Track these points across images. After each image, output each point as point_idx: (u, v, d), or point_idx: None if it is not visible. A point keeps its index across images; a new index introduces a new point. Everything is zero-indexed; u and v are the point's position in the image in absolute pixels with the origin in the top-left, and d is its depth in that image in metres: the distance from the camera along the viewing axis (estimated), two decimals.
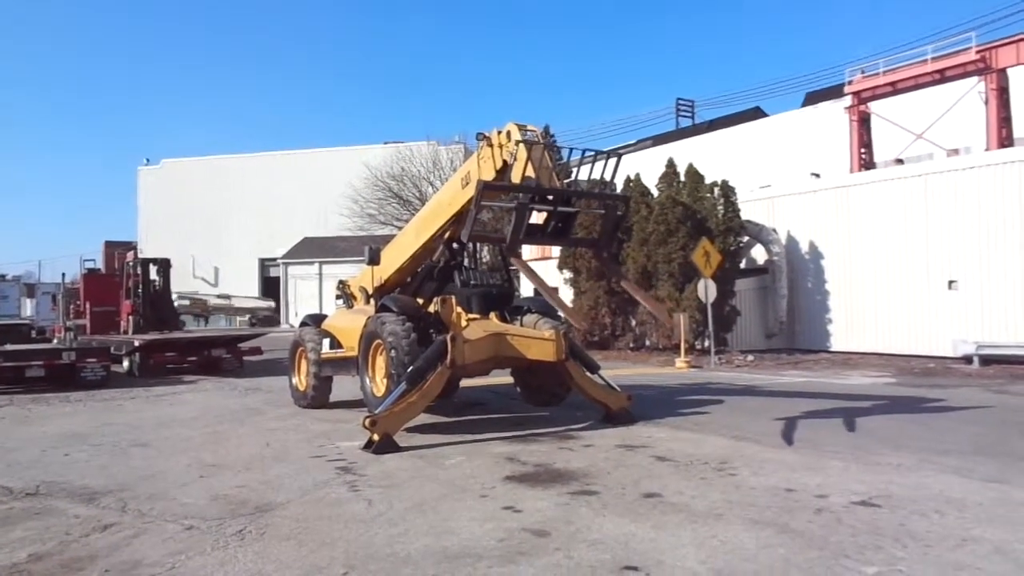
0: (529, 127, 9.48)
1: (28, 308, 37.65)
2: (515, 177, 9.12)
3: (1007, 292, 18.87)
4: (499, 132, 9.62)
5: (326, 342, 12.23)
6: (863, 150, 29.89)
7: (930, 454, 8.00)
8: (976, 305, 19.43)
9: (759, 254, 25.08)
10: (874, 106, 30.08)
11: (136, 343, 19.05)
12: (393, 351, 9.63)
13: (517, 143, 9.11)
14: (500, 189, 9.35)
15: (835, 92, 33.58)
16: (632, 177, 24.25)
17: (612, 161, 9.59)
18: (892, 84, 28.75)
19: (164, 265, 23.30)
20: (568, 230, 9.81)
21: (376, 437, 8.55)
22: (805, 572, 4.57)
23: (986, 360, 18.31)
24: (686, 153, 30.47)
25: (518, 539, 5.32)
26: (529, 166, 9.00)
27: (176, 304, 25.99)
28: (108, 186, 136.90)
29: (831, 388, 14.68)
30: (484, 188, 8.98)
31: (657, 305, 11.32)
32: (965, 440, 8.90)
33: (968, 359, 18.67)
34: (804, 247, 23.94)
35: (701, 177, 23.68)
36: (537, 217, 9.47)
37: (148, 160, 69.49)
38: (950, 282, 20.08)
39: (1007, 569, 4.56)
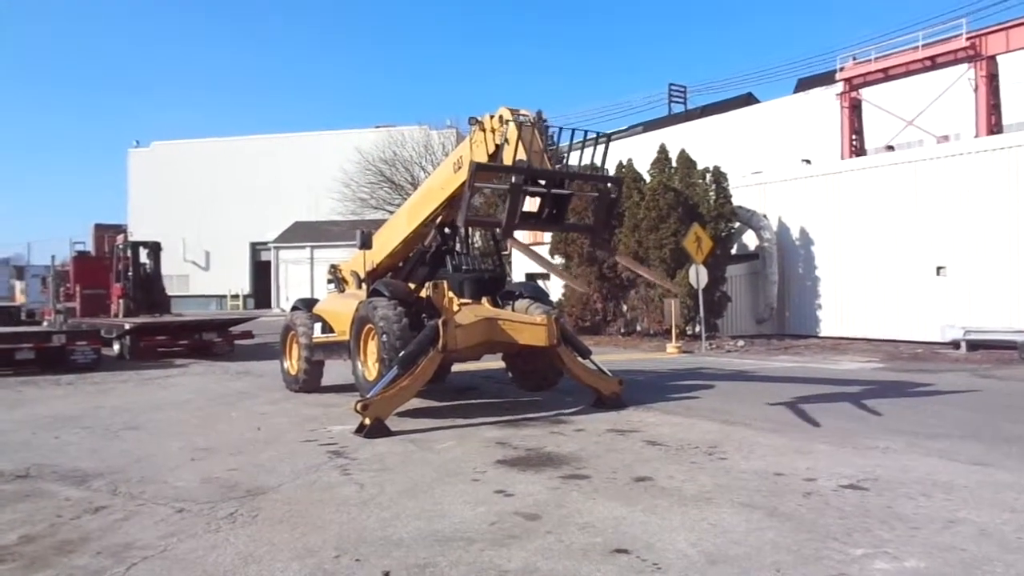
0: (522, 111, 9.48)
1: (18, 290, 37.30)
2: (507, 159, 9.17)
3: (995, 278, 18.99)
4: (491, 116, 9.61)
5: (317, 326, 12.23)
6: (854, 136, 29.92)
7: (917, 438, 8.08)
8: (964, 291, 19.55)
9: (750, 240, 25.13)
10: (865, 93, 30.11)
11: (127, 326, 19.00)
12: (385, 336, 9.63)
13: (506, 122, 9.21)
14: (494, 170, 9.50)
15: (827, 79, 33.55)
16: (624, 163, 24.25)
17: (601, 147, 9.60)
18: (883, 71, 28.76)
19: (154, 248, 23.20)
20: (562, 215, 9.90)
21: (368, 421, 8.56)
22: (793, 554, 4.61)
23: (973, 345, 18.44)
24: (678, 139, 30.42)
25: (510, 522, 5.35)
26: (520, 148, 9.06)
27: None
28: (98, 169, 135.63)
29: (820, 373, 14.78)
30: (477, 169, 9.06)
31: (655, 272, 11.80)
32: (952, 424, 8.99)
33: (956, 344, 18.80)
34: (795, 233, 24.01)
35: (693, 163, 23.67)
36: (531, 203, 9.53)
37: (138, 142, 68.77)
38: (938, 268, 20.20)
39: (992, 550, 4.62)
